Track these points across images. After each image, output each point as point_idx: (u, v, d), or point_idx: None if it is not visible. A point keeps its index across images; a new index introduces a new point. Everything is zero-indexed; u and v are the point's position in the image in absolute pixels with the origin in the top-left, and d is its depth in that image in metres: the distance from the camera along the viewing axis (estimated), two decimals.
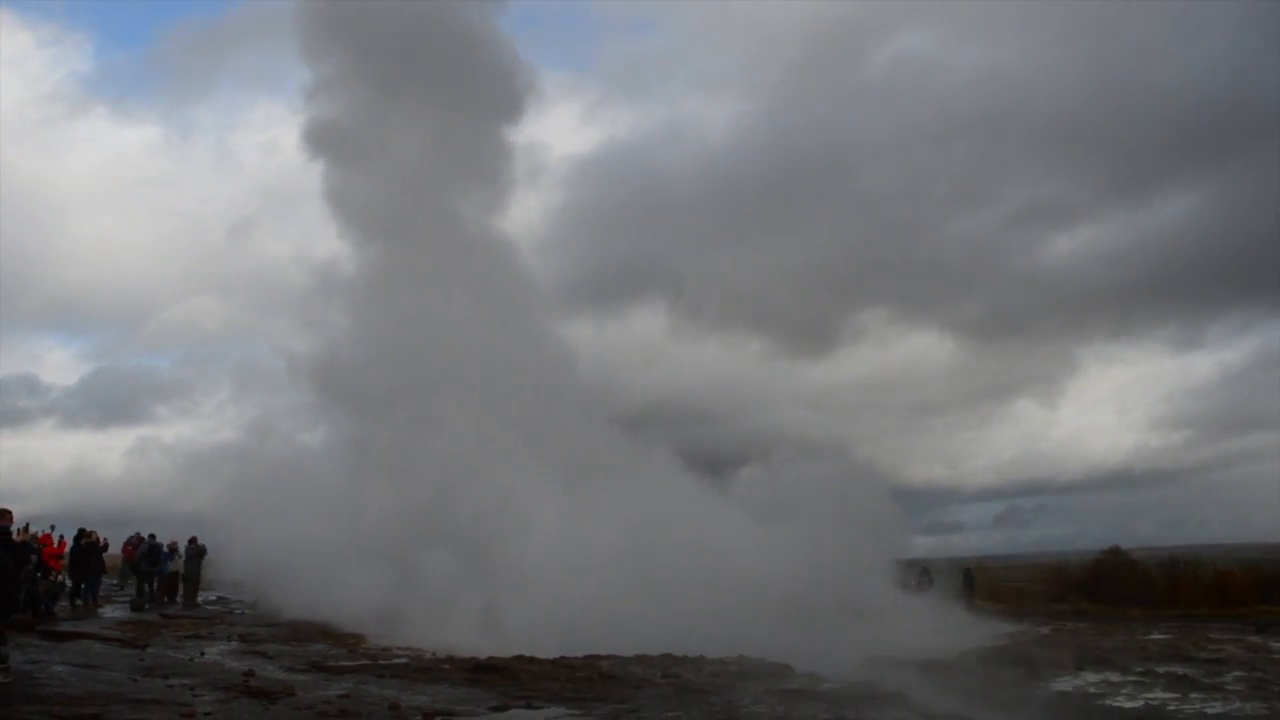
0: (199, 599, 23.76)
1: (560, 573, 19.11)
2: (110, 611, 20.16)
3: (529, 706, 10.46)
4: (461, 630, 18.03)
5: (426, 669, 13.31)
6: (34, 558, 15.67)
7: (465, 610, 18.87)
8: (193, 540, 23.73)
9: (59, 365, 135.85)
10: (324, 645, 16.22)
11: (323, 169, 27.08)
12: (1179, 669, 15.91)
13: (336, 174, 26.81)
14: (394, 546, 21.37)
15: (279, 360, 28.71)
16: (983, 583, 36.79)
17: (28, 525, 18.70)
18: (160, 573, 23.32)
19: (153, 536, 22.96)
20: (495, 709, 10.26)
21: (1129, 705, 12.92)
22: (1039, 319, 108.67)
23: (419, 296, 25.09)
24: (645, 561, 19.62)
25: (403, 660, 14.40)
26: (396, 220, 26.43)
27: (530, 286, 27.79)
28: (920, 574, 32.32)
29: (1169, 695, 13.60)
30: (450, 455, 22.48)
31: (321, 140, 26.88)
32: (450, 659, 14.26)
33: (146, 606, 21.43)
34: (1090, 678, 15.40)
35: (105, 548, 22.03)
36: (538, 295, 28.16)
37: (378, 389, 24.40)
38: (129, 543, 24.19)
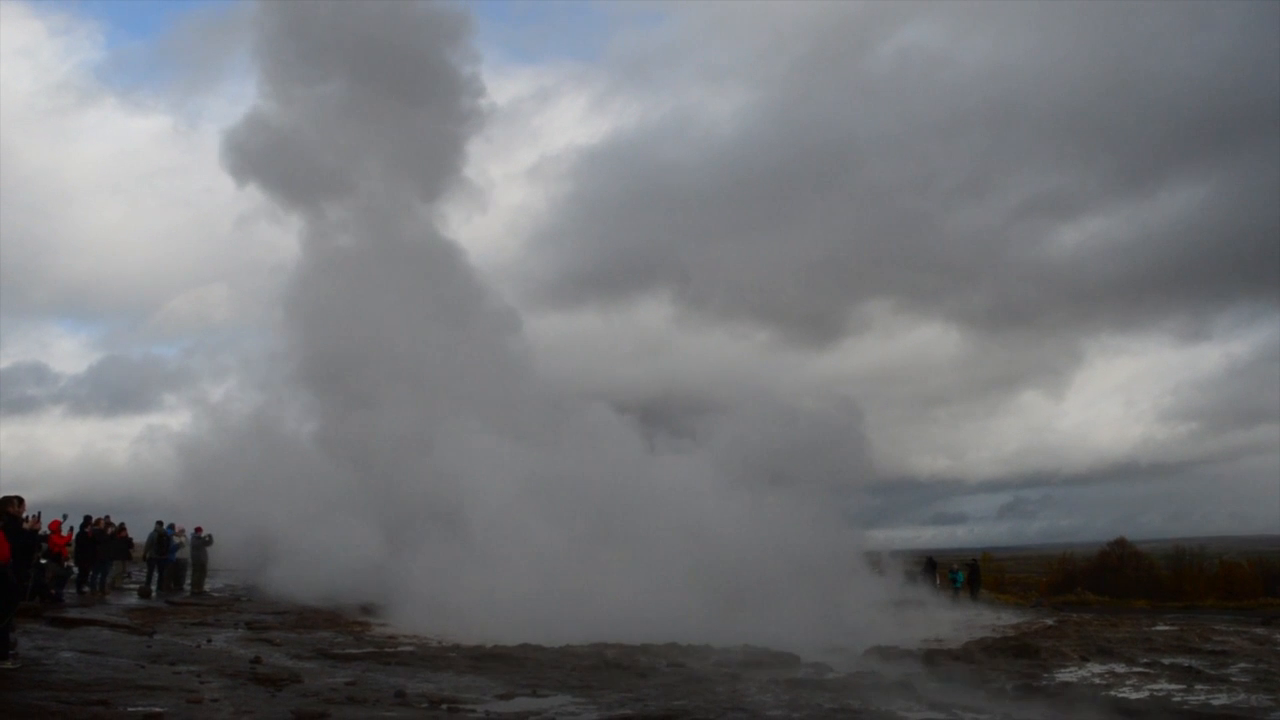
0: (206, 586, 23.84)
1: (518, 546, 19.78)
2: (118, 599, 20.25)
3: (535, 694, 10.48)
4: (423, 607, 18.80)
5: (432, 656, 13.35)
6: (43, 545, 15.73)
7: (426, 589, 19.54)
8: (199, 529, 23.82)
9: (67, 353, 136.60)
10: (330, 633, 16.27)
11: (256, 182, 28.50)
12: (1184, 660, 15.90)
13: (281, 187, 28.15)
14: (365, 524, 22.74)
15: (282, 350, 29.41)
16: (988, 574, 36.88)
17: (39, 514, 18.76)
18: (168, 561, 23.41)
19: (160, 524, 23.03)
20: (501, 697, 10.29)
21: (1134, 696, 12.90)
22: (1045, 311, 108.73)
23: (367, 297, 26.74)
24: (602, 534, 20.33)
25: (409, 648, 14.45)
26: (347, 227, 28.32)
27: (478, 287, 29.12)
28: (925, 565, 32.42)
29: (1174, 687, 13.58)
30: (397, 432, 23.96)
31: (259, 152, 27.99)
32: (456, 647, 14.31)
33: (154, 594, 21.51)
34: (1095, 668, 15.39)
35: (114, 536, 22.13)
36: (488, 294, 29.42)
37: (329, 379, 26.08)
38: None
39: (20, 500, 10.99)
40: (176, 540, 23.38)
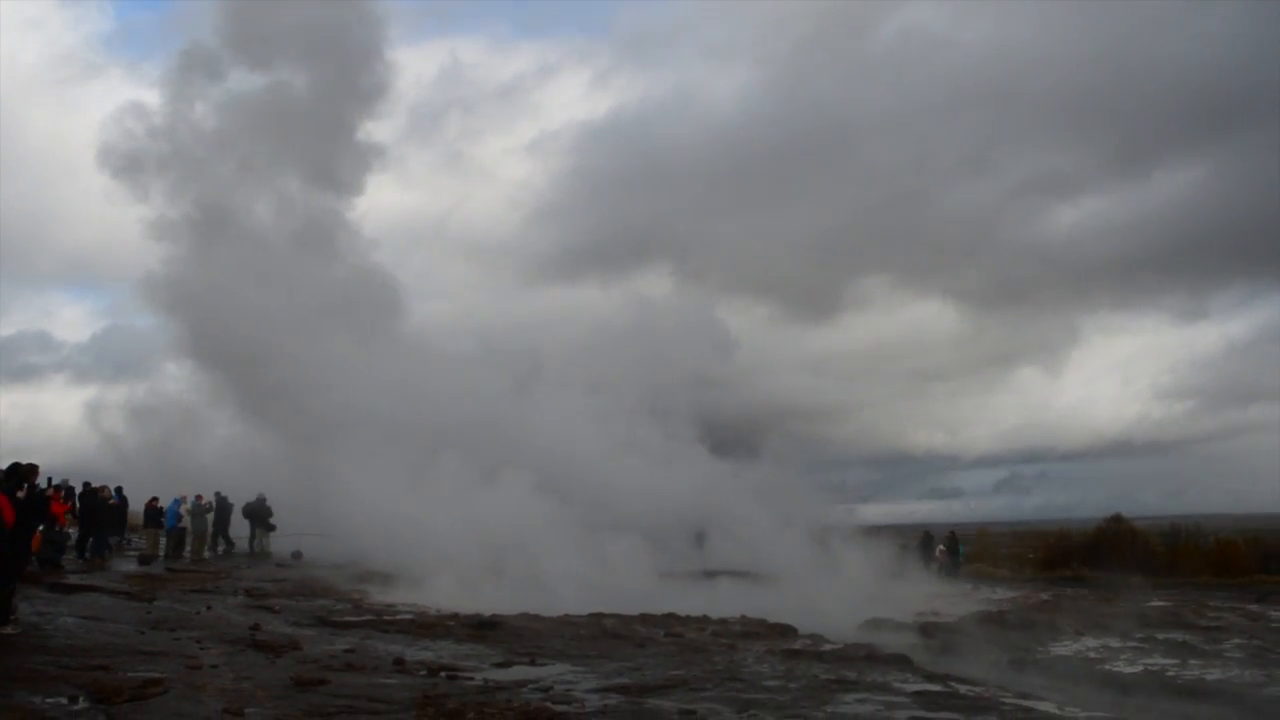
0: (205, 554, 23.93)
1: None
2: (118, 565, 20.32)
3: (533, 663, 10.53)
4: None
5: (430, 625, 13.41)
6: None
7: None
8: (199, 496, 23.90)
9: (71, 322, 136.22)
10: (329, 600, 16.35)
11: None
12: (1179, 636, 15.99)
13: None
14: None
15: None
16: (983, 548, 36.99)
17: (51, 479, 18.82)
18: (168, 528, 23.50)
19: (119, 489, 23.05)
20: (499, 665, 10.34)
21: (1129, 670, 13.00)
22: (1042, 289, 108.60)
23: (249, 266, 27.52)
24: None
25: (407, 616, 14.51)
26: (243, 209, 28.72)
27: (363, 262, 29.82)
28: (923, 539, 32.57)
29: (1168, 661, 13.68)
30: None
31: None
32: (454, 615, 14.37)
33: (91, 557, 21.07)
34: (1090, 643, 15.50)
35: (115, 505, 22.24)
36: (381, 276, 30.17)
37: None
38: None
39: (35, 468, 11.06)
40: (182, 509, 23.52)
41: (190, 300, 27.12)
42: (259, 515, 25.43)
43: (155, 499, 23.30)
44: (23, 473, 10.70)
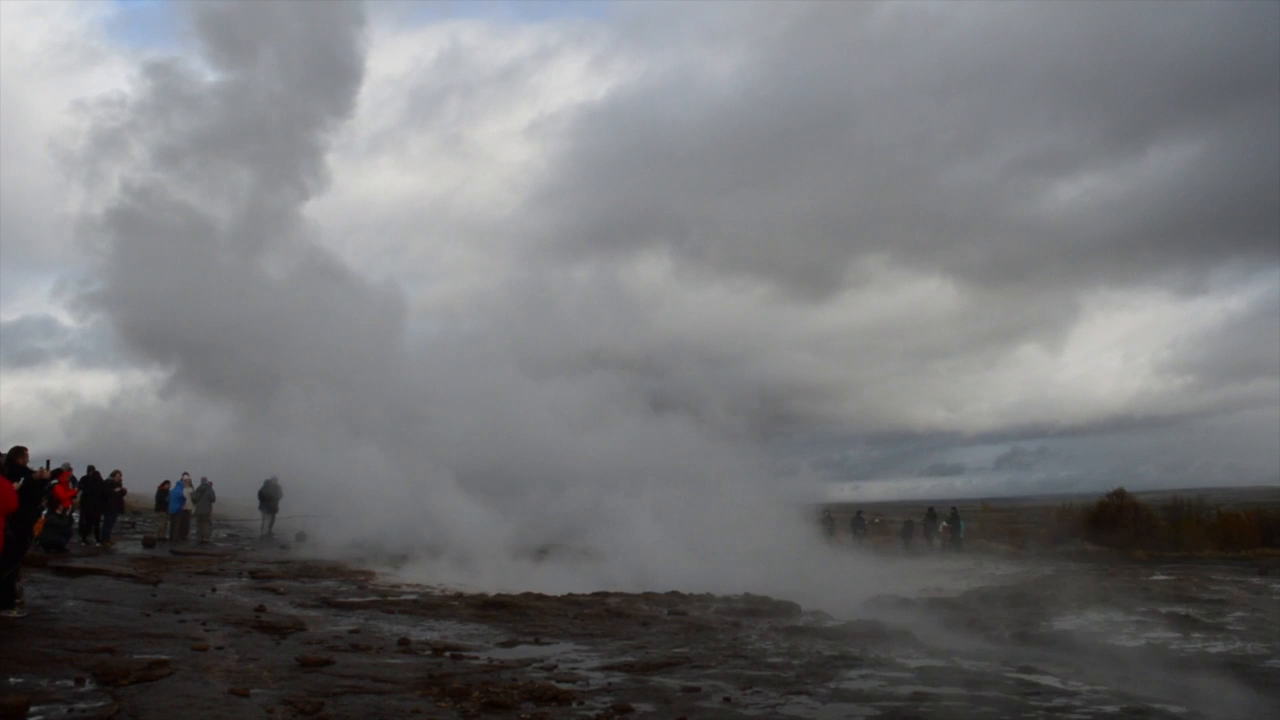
0: (209, 536, 23.98)
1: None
2: (123, 548, 20.37)
3: (537, 642, 10.57)
4: None
5: (435, 605, 13.45)
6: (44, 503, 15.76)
7: None
8: (204, 479, 23.90)
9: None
10: (334, 582, 16.39)
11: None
12: (1181, 609, 16.04)
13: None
14: None
15: None
16: (985, 523, 37.11)
17: (49, 462, 18.80)
18: (174, 511, 23.52)
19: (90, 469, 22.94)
20: (504, 644, 10.37)
21: (1131, 644, 13.02)
22: (1041, 265, 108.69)
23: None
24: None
25: (411, 596, 14.56)
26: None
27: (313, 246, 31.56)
28: (927, 516, 32.65)
29: (1171, 634, 13.71)
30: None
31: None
32: (459, 595, 14.42)
33: (102, 541, 21.14)
34: (1093, 616, 15.54)
35: (124, 491, 22.25)
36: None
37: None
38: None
39: (24, 450, 11.04)
40: (188, 491, 23.54)
41: (143, 292, 28.11)
42: (270, 498, 25.39)
43: (166, 482, 23.31)
44: (10, 455, 10.69)
